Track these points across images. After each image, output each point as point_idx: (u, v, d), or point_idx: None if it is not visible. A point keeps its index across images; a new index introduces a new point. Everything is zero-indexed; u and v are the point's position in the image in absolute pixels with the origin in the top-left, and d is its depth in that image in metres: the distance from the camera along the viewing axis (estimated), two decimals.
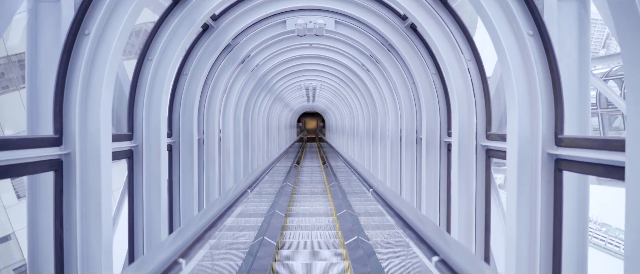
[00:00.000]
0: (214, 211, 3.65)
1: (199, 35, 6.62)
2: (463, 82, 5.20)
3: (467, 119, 5.18)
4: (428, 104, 6.58)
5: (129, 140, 4.99)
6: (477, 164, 5.13)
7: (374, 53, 8.19)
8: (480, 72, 5.12)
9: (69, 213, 3.71)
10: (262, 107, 14.57)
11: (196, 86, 6.65)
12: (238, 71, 9.22)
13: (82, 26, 3.71)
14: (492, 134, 5.00)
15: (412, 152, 8.04)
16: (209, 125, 8.06)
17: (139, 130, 5.09)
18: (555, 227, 3.68)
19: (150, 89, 5.11)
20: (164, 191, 5.20)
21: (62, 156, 3.65)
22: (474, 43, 5.19)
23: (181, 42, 5.20)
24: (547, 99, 3.69)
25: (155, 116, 5.14)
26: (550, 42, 3.64)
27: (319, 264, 5.12)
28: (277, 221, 8.43)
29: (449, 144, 6.51)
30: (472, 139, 5.16)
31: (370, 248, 5.24)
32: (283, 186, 12.65)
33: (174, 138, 6.53)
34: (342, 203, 8.65)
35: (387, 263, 4.38)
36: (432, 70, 6.58)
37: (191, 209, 6.63)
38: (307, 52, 10.87)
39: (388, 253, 4.34)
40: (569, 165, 3.55)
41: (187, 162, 6.58)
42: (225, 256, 4.28)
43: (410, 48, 6.67)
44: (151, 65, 5.09)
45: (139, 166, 5.11)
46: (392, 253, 4.14)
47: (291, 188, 12.87)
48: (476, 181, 5.14)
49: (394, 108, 9.27)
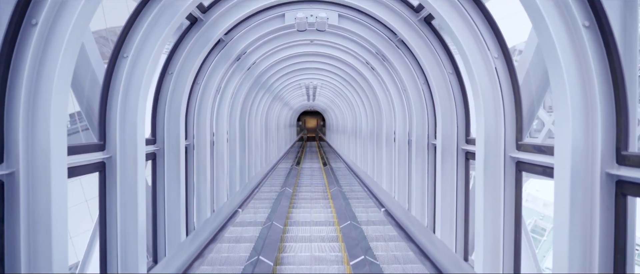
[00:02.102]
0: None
1: (186, 29, 5.88)
2: (489, 83, 4.47)
3: (493, 126, 4.45)
4: (444, 106, 5.85)
5: (100, 150, 4.36)
6: (506, 178, 4.40)
7: (381, 49, 7.45)
8: (510, 71, 4.39)
9: (13, 242, 2.99)
10: (260, 107, 13.83)
11: (183, 85, 5.92)
12: (233, 69, 8.48)
13: (28, 15, 2.98)
14: (525, 144, 4.26)
15: (424, 159, 7.30)
16: (200, 129, 7.33)
17: (112, 139, 4.43)
18: (617, 262, 2.97)
19: (125, 91, 4.39)
20: (141, 209, 4.57)
21: (3, 176, 2.93)
22: (503, 37, 4.45)
23: (161, 36, 4.47)
24: (608, 107, 2.95)
25: (131, 121, 4.49)
26: (612, 34, 2.91)
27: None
28: (275, 233, 7.71)
29: (467, 153, 5.78)
30: (499, 150, 4.43)
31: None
32: (282, 191, 11.92)
33: (157, 145, 5.81)
34: (348, 222, 7.90)
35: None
36: (449, 69, 5.84)
37: (178, 226, 5.91)
38: (307, 49, 10.12)
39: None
40: (634, 189, 2.84)
41: (173, 171, 5.86)
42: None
43: (423, 44, 5.93)
44: (126, 64, 4.37)
45: (113, 180, 4.45)
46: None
47: (290, 193, 12.16)
48: (504, 198, 4.41)
49: (402, 110, 8.54)
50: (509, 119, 4.40)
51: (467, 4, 4.52)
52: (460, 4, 4.52)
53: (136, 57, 4.43)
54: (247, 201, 7.73)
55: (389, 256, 6.45)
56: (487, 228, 4.43)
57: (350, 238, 6.86)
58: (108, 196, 4.40)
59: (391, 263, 6.32)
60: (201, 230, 6.33)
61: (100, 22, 13.67)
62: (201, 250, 5.27)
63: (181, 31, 5.84)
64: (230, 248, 7.15)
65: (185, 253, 5.10)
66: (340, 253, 6.90)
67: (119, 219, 4.40)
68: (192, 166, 7.23)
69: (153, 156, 5.73)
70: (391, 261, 6.31)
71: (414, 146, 7.48)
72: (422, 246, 5.09)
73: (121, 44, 4.38)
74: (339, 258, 6.69)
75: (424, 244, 5.24)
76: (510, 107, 4.41)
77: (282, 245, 7.54)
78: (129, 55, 4.38)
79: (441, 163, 5.90)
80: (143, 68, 4.42)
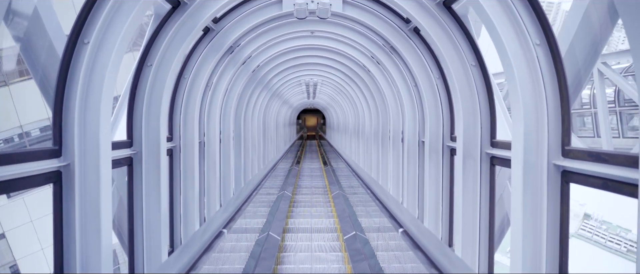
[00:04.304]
0: None
1: (167, 14, 5.07)
2: (529, 76, 3.66)
3: (534, 128, 3.65)
4: (466, 104, 5.05)
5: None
6: (549, 186, 3.60)
7: (389, 40, 6.65)
8: (556, 62, 3.57)
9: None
10: (258, 105, 13.02)
11: (165, 79, 5.10)
12: (226, 63, 7.69)
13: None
14: (574, 150, 3.47)
15: (438, 163, 6.51)
16: (187, 129, 6.53)
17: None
18: None
19: (85, 84, 3.60)
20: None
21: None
22: (546, 19, 3.65)
23: (131, 15, 3.67)
24: None
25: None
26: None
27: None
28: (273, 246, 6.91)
29: (493, 158, 4.98)
30: (541, 157, 3.62)
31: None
32: (281, 194, 11.12)
33: (135, 148, 5.00)
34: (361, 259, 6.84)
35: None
36: (472, 60, 5.04)
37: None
38: (308, 41, 9.32)
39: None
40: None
41: (152, 178, 5.05)
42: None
43: (441, 32, 5.12)
44: (87, 50, 3.57)
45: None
46: None
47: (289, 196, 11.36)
48: (547, 214, 3.61)
49: (412, 108, 7.75)
50: (553, 119, 3.60)
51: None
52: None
53: (100, 43, 3.63)
54: (240, 212, 6.93)
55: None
56: (527, 250, 3.63)
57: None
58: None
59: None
60: None
61: None
62: None
63: (161, 17, 5.04)
64: None
65: None
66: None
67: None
68: (178, 172, 6.44)
69: (129, 160, 4.94)
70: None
71: (427, 148, 6.69)
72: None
73: (81, 27, 3.58)
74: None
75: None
76: (554, 105, 3.61)
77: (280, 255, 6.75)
78: (90, 41, 3.58)
79: (462, 169, 5.10)
80: (108, 54, 3.62)
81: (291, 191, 12.52)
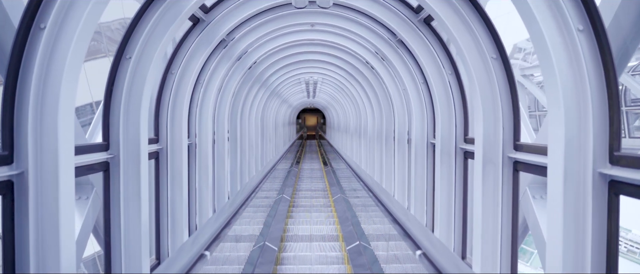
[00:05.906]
0: None
1: (147, 2, 4.49)
2: (569, 67, 3.08)
3: (576, 134, 3.07)
4: (485, 102, 4.46)
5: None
6: (595, 198, 3.01)
7: (396, 33, 6.08)
8: (601, 48, 2.99)
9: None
10: (255, 103, 12.44)
11: (145, 74, 4.51)
12: (219, 57, 7.10)
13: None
14: (623, 156, 2.88)
15: (450, 167, 5.93)
16: (175, 129, 5.96)
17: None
18: None
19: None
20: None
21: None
22: (595, 4, 3.06)
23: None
24: None
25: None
26: None
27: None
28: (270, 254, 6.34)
29: (517, 163, 4.40)
30: (586, 164, 3.04)
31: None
32: (279, 198, 10.55)
33: (112, 152, 4.42)
34: None
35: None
36: (493, 53, 4.45)
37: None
38: (307, 36, 8.74)
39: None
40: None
41: (131, 185, 4.46)
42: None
43: (458, 21, 4.53)
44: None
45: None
46: None
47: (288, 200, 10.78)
48: (593, 226, 3.02)
49: (420, 107, 7.16)
50: (599, 120, 3.01)
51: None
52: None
53: (59, 27, 3.04)
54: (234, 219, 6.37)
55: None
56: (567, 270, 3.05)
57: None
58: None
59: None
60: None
61: None
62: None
63: (142, 2, 4.45)
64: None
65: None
66: None
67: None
68: (165, 176, 5.86)
69: (105, 165, 4.35)
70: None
71: (438, 151, 6.11)
72: None
73: (36, 9, 2.99)
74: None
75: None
76: (600, 104, 3.02)
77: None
78: (47, 26, 2.99)
79: (482, 175, 4.52)
80: (68, 41, 3.03)
81: (290, 194, 11.96)
